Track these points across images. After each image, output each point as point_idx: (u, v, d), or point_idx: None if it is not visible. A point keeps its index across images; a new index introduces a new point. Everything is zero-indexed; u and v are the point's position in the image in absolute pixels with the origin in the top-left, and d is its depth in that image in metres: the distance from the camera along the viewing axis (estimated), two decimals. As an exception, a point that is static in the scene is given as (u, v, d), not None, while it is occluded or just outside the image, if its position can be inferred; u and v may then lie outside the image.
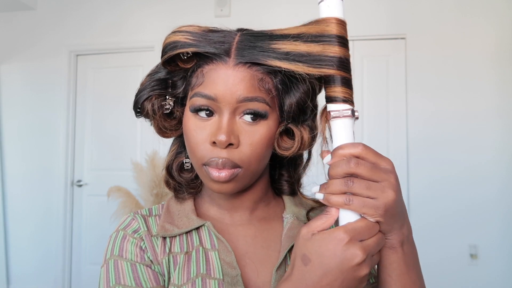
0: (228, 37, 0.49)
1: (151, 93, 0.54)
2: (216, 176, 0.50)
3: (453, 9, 2.67)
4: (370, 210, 0.41)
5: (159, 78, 0.54)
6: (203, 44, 0.48)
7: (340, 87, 0.45)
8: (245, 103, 0.49)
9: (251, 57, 0.47)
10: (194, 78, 0.51)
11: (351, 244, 0.40)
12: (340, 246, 0.40)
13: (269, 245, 0.57)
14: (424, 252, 2.55)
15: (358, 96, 2.79)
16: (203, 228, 0.57)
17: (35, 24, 3.20)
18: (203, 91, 0.49)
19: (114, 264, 0.53)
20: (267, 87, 0.50)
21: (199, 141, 0.50)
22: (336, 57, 0.44)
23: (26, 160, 3.15)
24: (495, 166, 2.57)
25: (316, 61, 0.44)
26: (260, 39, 0.48)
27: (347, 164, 0.41)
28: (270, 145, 0.52)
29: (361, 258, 0.40)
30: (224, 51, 0.48)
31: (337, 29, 0.44)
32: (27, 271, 3.11)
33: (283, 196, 0.63)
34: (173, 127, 0.57)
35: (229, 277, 0.52)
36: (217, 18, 2.90)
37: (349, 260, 0.40)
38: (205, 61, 0.50)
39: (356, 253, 0.40)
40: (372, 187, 0.41)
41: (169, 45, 0.49)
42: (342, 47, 0.44)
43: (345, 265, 0.40)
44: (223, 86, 0.48)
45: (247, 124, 0.50)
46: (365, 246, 0.41)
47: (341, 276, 0.40)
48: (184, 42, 0.48)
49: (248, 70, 0.49)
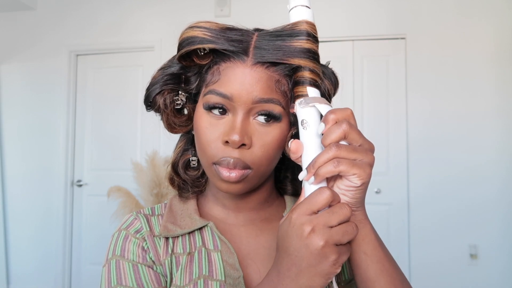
0: (246, 36, 0.49)
1: (164, 87, 0.53)
2: (226, 176, 0.49)
3: (453, 9, 2.67)
4: (359, 170, 0.40)
5: (172, 73, 0.53)
6: (222, 42, 0.48)
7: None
8: (260, 104, 0.48)
9: (270, 56, 0.47)
10: (209, 75, 0.51)
11: (298, 219, 0.39)
12: (290, 223, 0.40)
13: (270, 245, 0.57)
14: (424, 252, 2.57)
15: (358, 96, 2.80)
16: (206, 229, 0.57)
17: (35, 24, 3.20)
18: (218, 89, 0.49)
19: (116, 264, 0.52)
20: (283, 89, 0.49)
21: (211, 139, 0.50)
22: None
23: (26, 160, 3.15)
24: (495, 166, 2.57)
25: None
26: (278, 38, 0.47)
27: (340, 128, 0.40)
28: (281, 147, 0.52)
29: (308, 230, 0.38)
30: (242, 50, 0.48)
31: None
32: (27, 271, 3.10)
33: (285, 196, 0.63)
34: (183, 123, 0.56)
35: (231, 279, 0.52)
36: (217, 18, 2.90)
37: (297, 234, 0.39)
38: (222, 59, 0.49)
39: (301, 226, 0.38)
40: (358, 149, 0.41)
41: (187, 40, 0.49)
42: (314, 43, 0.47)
43: (296, 240, 0.39)
44: (240, 86, 0.48)
45: (261, 125, 0.49)
46: (312, 218, 0.39)
47: (297, 252, 0.39)
48: (202, 37, 0.48)
49: (265, 71, 0.48)
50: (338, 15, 2.79)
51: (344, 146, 0.40)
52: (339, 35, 2.81)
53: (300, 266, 0.39)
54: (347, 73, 2.80)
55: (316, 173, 0.41)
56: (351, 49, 2.83)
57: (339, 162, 0.40)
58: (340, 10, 2.79)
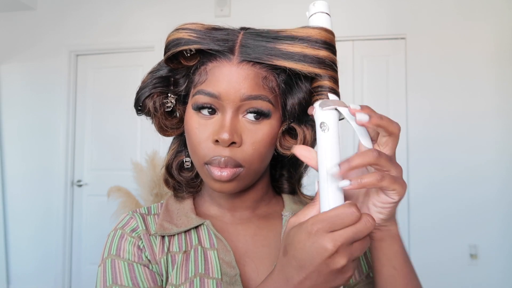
0: (231, 35, 0.49)
1: (153, 90, 0.53)
2: (217, 175, 0.49)
3: (453, 9, 2.67)
4: (398, 186, 0.40)
5: (161, 76, 0.54)
6: (207, 42, 0.48)
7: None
8: (248, 101, 0.48)
9: (256, 55, 0.47)
10: (197, 75, 0.51)
11: (319, 236, 0.37)
12: (309, 238, 0.38)
13: (269, 243, 0.57)
14: (424, 252, 2.57)
15: (358, 96, 2.80)
16: (202, 227, 0.57)
17: (35, 24, 3.20)
18: (206, 88, 0.49)
19: (111, 264, 0.52)
20: (270, 86, 0.49)
21: (201, 139, 0.50)
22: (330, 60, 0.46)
23: (26, 160, 3.15)
24: (495, 166, 2.57)
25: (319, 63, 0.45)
26: (264, 38, 0.47)
27: (372, 154, 0.40)
28: (273, 144, 0.52)
29: (331, 250, 0.36)
30: (228, 49, 0.48)
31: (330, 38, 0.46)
32: (27, 271, 3.10)
33: (283, 195, 0.63)
34: (174, 126, 0.56)
35: (228, 277, 0.52)
36: (217, 18, 2.90)
37: (319, 253, 0.37)
38: (209, 59, 0.50)
39: (324, 245, 0.37)
40: (393, 161, 0.41)
41: (172, 42, 0.49)
42: (331, 53, 0.45)
43: (316, 257, 0.37)
44: (227, 84, 0.48)
45: (250, 123, 0.49)
46: (336, 237, 0.37)
47: (316, 268, 0.38)
48: (187, 39, 0.48)
49: (252, 68, 0.48)
50: (338, 15, 2.77)
51: (384, 154, 0.39)
52: (339, 35, 2.78)
53: (316, 281, 0.38)
54: (347, 73, 2.79)
55: (357, 182, 0.39)
56: (351, 49, 2.83)
57: (383, 177, 0.39)
58: (340, 10, 2.79)
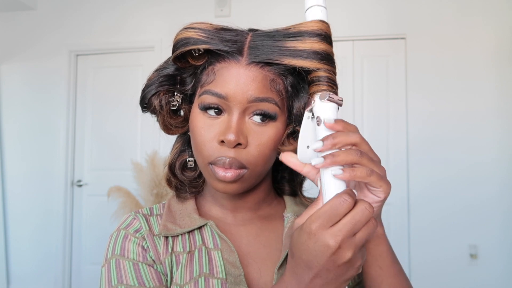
0: (240, 36, 0.49)
1: (159, 88, 0.53)
2: (222, 176, 0.49)
3: (453, 9, 2.67)
4: (384, 184, 0.40)
5: (168, 74, 0.53)
6: (216, 42, 0.48)
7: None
8: (255, 103, 0.48)
9: (264, 56, 0.47)
10: (204, 75, 0.51)
11: (319, 234, 0.37)
12: (310, 238, 0.38)
13: (271, 244, 0.57)
14: (424, 252, 2.57)
15: (358, 96, 2.80)
16: (205, 228, 0.57)
17: (35, 24, 3.20)
18: (213, 89, 0.49)
19: (116, 264, 0.52)
20: (278, 88, 0.49)
21: (206, 140, 0.50)
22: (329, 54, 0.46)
23: (26, 160, 3.15)
24: (495, 166, 2.57)
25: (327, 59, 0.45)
26: (272, 38, 0.47)
27: (354, 135, 0.40)
28: (277, 147, 0.52)
29: (334, 246, 0.36)
30: (237, 50, 0.48)
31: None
32: (27, 271, 3.10)
33: (284, 196, 0.63)
34: (179, 124, 0.56)
35: (232, 277, 0.52)
36: (217, 18, 2.90)
37: (322, 251, 0.37)
38: (217, 59, 0.50)
39: (326, 242, 0.37)
40: (375, 161, 0.41)
41: (181, 41, 0.49)
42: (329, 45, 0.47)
43: (321, 256, 0.37)
44: (235, 85, 0.48)
45: (256, 124, 0.49)
46: (336, 233, 0.37)
47: (323, 267, 0.38)
48: (196, 38, 0.48)
49: (260, 70, 0.48)
50: (338, 15, 2.79)
51: (365, 154, 0.39)
52: (339, 35, 2.80)
53: (327, 278, 0.39)
54: (347, 73, 2.79)
55: (349, 171, 0.39)
56: (351, 49, 2.83)
57: (372, 172, 0.39)
58: (340, 10, 2.79)
